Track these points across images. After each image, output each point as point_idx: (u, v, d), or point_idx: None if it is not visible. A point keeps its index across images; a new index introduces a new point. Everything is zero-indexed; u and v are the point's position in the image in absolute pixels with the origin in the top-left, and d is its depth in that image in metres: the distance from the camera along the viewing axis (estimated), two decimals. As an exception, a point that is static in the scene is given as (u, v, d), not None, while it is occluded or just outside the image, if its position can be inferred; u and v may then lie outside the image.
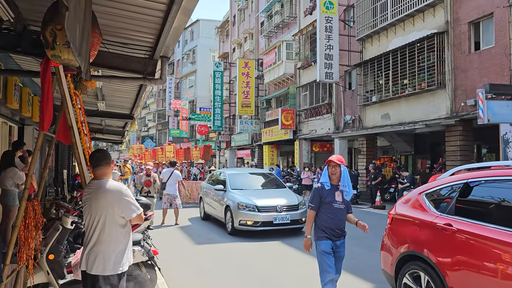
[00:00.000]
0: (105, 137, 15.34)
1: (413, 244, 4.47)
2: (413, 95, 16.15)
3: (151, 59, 4.87)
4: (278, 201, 10.14)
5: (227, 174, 11.74)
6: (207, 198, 12.37)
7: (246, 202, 9.97)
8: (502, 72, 12.77)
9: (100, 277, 3.30)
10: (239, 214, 9.85)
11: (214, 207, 11.62)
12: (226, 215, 10.47)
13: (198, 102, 43.75)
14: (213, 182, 12.40)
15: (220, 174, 12.39)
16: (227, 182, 11.21)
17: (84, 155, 4.04)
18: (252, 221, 9.71)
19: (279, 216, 9.74)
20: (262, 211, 9.76)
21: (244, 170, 14.20)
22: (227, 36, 40.06)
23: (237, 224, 9.89)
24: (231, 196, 10.51)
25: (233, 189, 10.88)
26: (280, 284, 6.28)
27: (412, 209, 4.79)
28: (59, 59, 3.14)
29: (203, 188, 13.23)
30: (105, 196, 3.34)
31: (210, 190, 12.08)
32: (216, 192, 11.35)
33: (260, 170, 14.27)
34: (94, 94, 7.89)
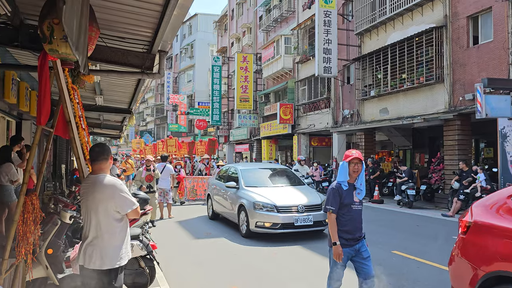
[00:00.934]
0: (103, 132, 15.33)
1: (506, 263, 3.47)
2: (412, 90, 16.15)
3: (149, 53, 4.86)
4: (298, 200, 9.12)
5: (240, 170, 10.63)
6: (216, 196, 11.41)
7: (263, 201, 8.93)
8: (500, 66, 12.77)
9: (97, 272, 3.31)
10: (255, 214, 8.84)
11: (224, 206, 10.69)
12: (240, 216, 9.48)
13: (197, 97, 43.69)
14: (222, 179, 11.43)
15: (231, 170, 11.32)
16: (240, 179, 10.13)
17: (82, 150, 4.04)
18: (270, 223, 8.71)
19: (301, 217, 8.70)
20: (282, 212, 8.75)
21: (257, 165, 12.81)
22: (225, 30, 39.93)
23: (253, 226, 8.88)
24: (245, 194, 9.47)
25: (247, 186, 9.82)
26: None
27: (501, 216, 3.83)
28: (56, 53, 3.13)
29: (211, 185, 12.19)
30: (100, 190, 3.35)
31: (220, 187, 11.15)
32: (228, 189, 10.39)
33: (275, 165, 12.94)
34: (92, 88, 7.87)
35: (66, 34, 2.45)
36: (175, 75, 51.21)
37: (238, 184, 10.05)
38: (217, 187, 11.50)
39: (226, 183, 10.45)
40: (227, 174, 11.36)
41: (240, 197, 9.56)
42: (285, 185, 10.31)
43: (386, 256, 7.44)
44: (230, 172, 11.29)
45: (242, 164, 13.19)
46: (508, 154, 12.29)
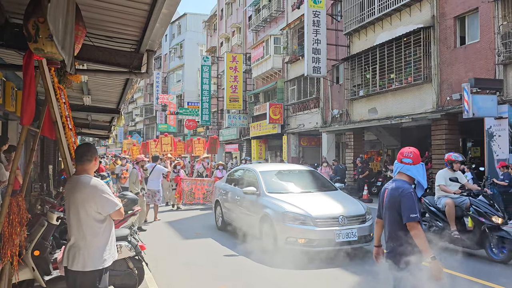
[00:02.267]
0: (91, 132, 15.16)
1: None
2: (400, 90, 16.27)
3: (137, 52, 4.82)
4: (337, 209, 7.45)
5: (259, 172, 8.94)
6: (227, 203, 9.79)
7: (295, 211, 7.28)
8: (486, 66, 12.93)
9: (80, 273, 3.29)
10: (285, 228, 7.18)
11: (240, 216, 9.03)
12: (263, 228, 7.85)
13: (186, 97, 43.54)
14: (234, 182, 9.98)
15: (246, 172, 9.70)
16: (261, 183, 8.49)
17: (69, 150, 4.00)
18: (305, 239, 7.05)
19: (343, 231, 7.05)
20: (320, 225, 7.08)
21: (276, 166, 10.64)
22: (214, 30, 39.85)
23: (282, 241, 7.18)
24: (270, 202, 7.85)
25: (271, 192, 8.19)
26: None
27: None
28: (42, 52, 3.09)
29: (219, 190, 10.51)
30: (81, 191, 3.32)
31: (233, 193, 9.57)
32: (245, 196, 8.72)
33: (297, 166, 10.93)
34: (80, 88, 7.79)
35: (52, 33, 2.42)
36: (164, 75, 50.96)
37: (259, 190, 8.36)
38: (228, 192, 9.88)
39: (243, 189, 8.67)
40: (241, 177, 9.81)
41: (263, 206, 7.92)
42: (315, 190, 8.58)
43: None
44: (245, 175, 9.68)
45: (258, 165, 11.02)
46: (495, 153, 12.45)
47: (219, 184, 11.01)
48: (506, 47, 12.21)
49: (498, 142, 12.36)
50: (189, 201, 14.82)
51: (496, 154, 12.38)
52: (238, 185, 9.58)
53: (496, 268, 6.71)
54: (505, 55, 12.23)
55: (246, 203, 8.72)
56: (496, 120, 12.34)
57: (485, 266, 6.87)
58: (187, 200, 14.77)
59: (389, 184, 3.79)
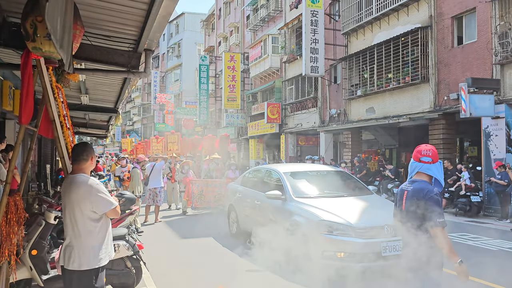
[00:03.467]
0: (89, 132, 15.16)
1: None
2: (398, 89, 16.30)
3: (135, 52, 4.83)
4: (381, 216, 6.11)
5: (283, 174, 7.83)
6: (244, 208, 8.71)
7: (333, 219, 6.17)
8: (484, 66, 12.96)
9: (76, 272, 3.29)
10: (321, 240, 6.09)
11: (261, 223, 7.70)
12: (291, 239, 6.76)
13: (184, 96, 43.49)
14: (252, 184, 8.95)
15: (267, 173, 8.68)
16: (287, 186, 7.43)
17: (66, 149, 3.99)
18: (345, 253, 5.92)
19: (390, 244, 5.81)
20: (363, 236, 5.92)
21: (301, 166, 9.28)
22: (212, 29, 39.82)
23: (317, 256, 6.05)
24: (299, 208, 6.77)
25: (299, 196, 7.13)
26: None
27: None
28: (40, 51, 3.09)
29: (234, 192, 9.48)
30: (76, 190, 3.32)
31: (252, 197, 8.45)
32: (267, 201, 7.55)
33: (323, 166, 9.82)
34: (77, 87, 7.79)
35: (50, 32, 2.42)
36: (162, 74, 50.92)
37: (284, 194, 7.30)
38: (245, 196, 8.85)
39: (267, 193, 7.51)
40: (261, 179, 8.77)
41: (292, 213, 6.84)
42: (348, 194, 7.47)
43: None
44: (266, 176, 8.67)
45: (280, 165, 9.62)
46: (492, 153, 12.49)
47: (233, 186, 9.85)
48: (503, 47, 12.25)
49: (495, 142, 12.40)
50: (199, 204, 13.31)
51: (493, 154, 12.42)
52: (257, 188, 8.47)
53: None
54: (502, 55, 12.27)
55: (269, 209, 7.56)
56: (493, 119, 12.38)
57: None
58: (197, 204, 13.25)
59: (407, 185, 3.49)
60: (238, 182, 9.80)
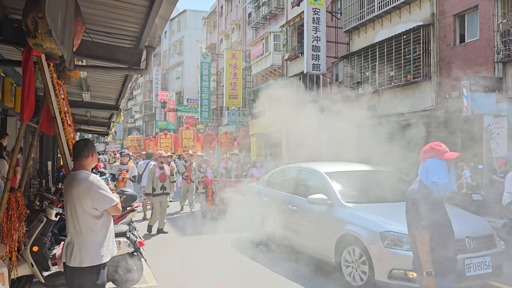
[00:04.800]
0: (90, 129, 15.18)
1: None
2: (399, 87, 16.26)
3: (136, 49, 4.83)
4: (459, 227, 4.40)
5: (324, 174, 6.83)
6: (275, 214, 7.59)
7: (401, 230, 4.95)
8: (486, 64, 12.92)
9: (78, 269, 3.30)
10: (388, 255, 5.13)
11: (298, 232, 6.95)
12: (345, 253, 5.75)
13: (185, 94, 43.47)
14: (284, 186, 7.82)
15: (304, 174, 7.62)
16: (332, 189, 6.44)
17: (68, 146, 4.00)
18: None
19: (474, 260, 4.92)
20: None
21: (342, 165, 7.76)
22: (214, 27, 39.77)
23: (383, 274, 5.14)
24: (354, 216, 5.80)
25: (350, 202, 6.17)
26: None
27: None
28: (41, 48, 3.09)
29: (258, 195, 8.33)
30: (76, 187, 3.33)
31: (283, 201, 7.44)
32: (307, 206, 6.62)
33: (367, 165, 8.19)
34: (79, 84, 7.79)
35: (51, 28, 2.42)
36: (163, 71, 50.89)
37: (331, 198, 6.30)
38: (274, 199, 7.76)
39: (310, 196, 6.49)
40: (294, 180, 7.69)
41: (344, 221, 5.87)
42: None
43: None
44: (301, 177, 7.63)
45: (318, 164, 7.93)
46: (494, 151, 12.46)
47: (256, 187, 8.70)
48: (506, 45, 12.21)
49: (497, 140, 12.37)
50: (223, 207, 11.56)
51: (495, 152, 12.40)
52: (290, 190, 7.45)
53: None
54: (505, 53, 12.23)
55: (311, 216, 6.54)
56: (494, 118, 12.36)
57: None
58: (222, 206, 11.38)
59: None
60: (262, 183, 8.66)
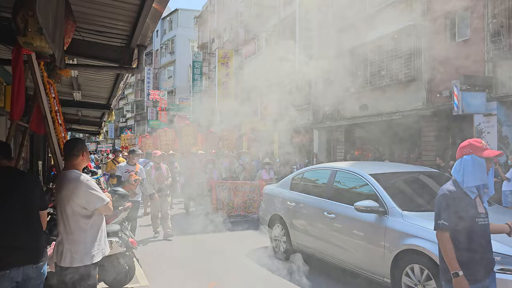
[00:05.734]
0: (82, 128, 15.09)
1: None
2: (390, 86, 16.35)
3: (128, 47, 4.80)
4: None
5: (370, 176, 5.72)
6: (304, 222, 6.64)
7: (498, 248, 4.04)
8: (476, 63, 13.02)
9: (69, 269, 3.29)
10: None
11: (340, 246, 5.79)
12: (402, 273, 4.84)
13: (177, 93, 43.36)
14: (314, 190, 6.79)
15: (339, 176, 6.41)
16: (384, 194, 5.40)
17: (59, 145, 3.97)
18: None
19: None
20: None
21: (384, 166, 7.20)
22: (206, 26, 39.69)
23: None
24: (414, 227, 4.81)
25: (407, 209, 5.13)
26: None
27: None
28: (31, 46, 3.07)
29: (282, 200, 7.30)
30: (66, 187, 3.31)
31: (317, 207, 6.36)
32: (351, 214, 5.59)
33: (411, 166, 7.81)
34: (70, 83, 7.74)
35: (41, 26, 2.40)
36: (155, 71, 50.70)
37: (383, 206, 5.26)
38: (304, 205, 6.72)
39: (357, 203, 5.31)
40: (328, 183, 6.49)
41: (403, 233, 4.87)
42: None
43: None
44: (337, 179, 6.43)
45: (351, 164, 7.15)
46: (484, 150, 12.58)
47: (277, 191, 7.65)
48: (496, 45, 12.32)
49: (487, 139, 12.48)
50: (228, 211, 10.90)
51: (485, 151, 12.51)
52: (324, 195, 6.39)
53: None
54: (495, 52, 12.34)
55: (357, 226, 5.50)
56: (485, 117, 12.47)
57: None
58: (225, 211, 10.83)
59: None
60: (283, 186, 7.58)
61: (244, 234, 9.45)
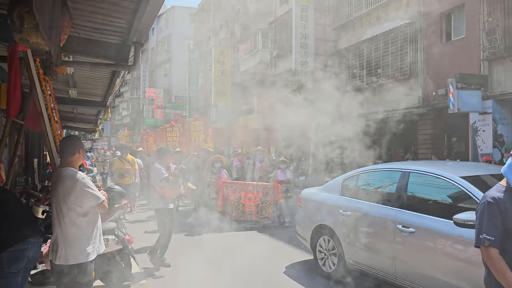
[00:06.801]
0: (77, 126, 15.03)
1: None
2: (387, 84, 16.39)
3: (124, 45, 4.78)
4: None
5: (463, 181, 4.61)
6: (369, 238, 5.43)
7: None
8: (472, 62, 13.07)
9: (63, 267, 3.29)
10: None
11: (425, 268, 4.61)
12: None
13: (174, 91, 43.27)
14: (373, 196, 5.54)
15: (416, 179, 5.21)
16: None
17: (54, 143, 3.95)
18: None
19: None
20: None
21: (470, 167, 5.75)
22: (202, 24, 39.60)
23: None
24: None
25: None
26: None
27: None
28: (27, 43, 3.05)
29: (332, 207, 6.07)
30: (62, 184, 3.31)
31: (386, 219, 5.15)
32: (443, 229, 4.47)
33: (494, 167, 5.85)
34: (66, 81, 7.70)
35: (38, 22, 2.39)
36: (151, 68, 50.56)
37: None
38: (365, 215, 5.45)
39: (457, 216, 4.04)
40: (398, 187, 5.29)
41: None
42: None
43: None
44: (411, 183, 5.20)
45: (425, 164, 6.14)
46: (479, 148, 12.64)
47: (325, 197, 6.32)
48: (491, 43, 12.36)
49: (482, 137, 12.55)
50: (238, 216, 9.87)
51: (480, 149, 12.57)
52: (394, 203, 5.18)
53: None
54: (490, 51, 12.38)
55: (454, 245, 4.39)
56: (480, 115, 12.53)
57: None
58: (234, 215, 9.85)
59: None
60: (331, 191, 6.33)
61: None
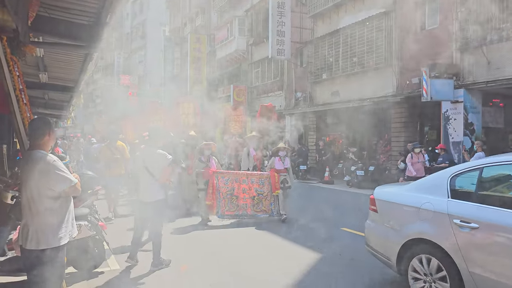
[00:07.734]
0: (48, 112, 14.63)
1: None
2: (362, 73, 16.55)
3: (96, 26, 4.65)
4: None
5: None
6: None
7: None
8: (445, 51, 13.31)
9: (34, 252, 3.20)
10: None
11: None
12: None
13: (148, 78, 42.61)
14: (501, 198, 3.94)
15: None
16: None
17: (23, 125, 3.83)
18: None
19: None
20: None
21: None
22: (178, 10, 38.99)
23: None
24: None
25: None
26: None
27: None
28: (-8, 19, 2.92)
29: (439, 216, 4.15)
30: (32, 168, 3.21)
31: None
32: None
33: None
34: (35, 64, 7.47)
35: (2, -4, 2.29)
36: (125, 55, 49.59)
37: None
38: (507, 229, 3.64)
39: None
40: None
41: None
42: None
43: (336, 232, 7.69)
44: None
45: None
46: (450, 136, 12.94)
47: (422, 200, 4.43)
48: (464, 33, 12.60)
49: (453, 125, 12.85)
50: (230, 210, 8.76)
51: (452, 137, 12.88)
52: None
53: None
54: (462, 41, 12.62)
55: None
56: (452, 104, 12.80)
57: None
58: (226, 209, 8.73)
59: None
60: (431, 191, 4.44)
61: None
